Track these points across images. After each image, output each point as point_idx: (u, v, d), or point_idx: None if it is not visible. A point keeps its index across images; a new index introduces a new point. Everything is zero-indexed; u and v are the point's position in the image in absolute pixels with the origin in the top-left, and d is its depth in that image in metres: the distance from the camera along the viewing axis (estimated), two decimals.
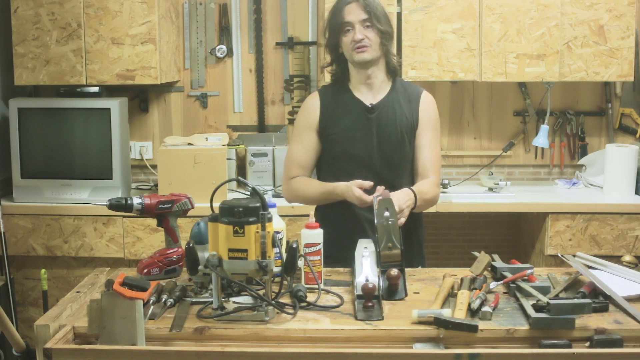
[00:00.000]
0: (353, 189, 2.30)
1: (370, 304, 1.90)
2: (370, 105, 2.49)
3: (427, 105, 2.54)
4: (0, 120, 3.73)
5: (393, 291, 2.00)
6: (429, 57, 3.61)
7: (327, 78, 2.87)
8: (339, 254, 2.34)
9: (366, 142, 2.47)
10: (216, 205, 1.91)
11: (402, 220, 2.24)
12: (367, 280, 1.95)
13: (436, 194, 2.51)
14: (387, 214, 2.10)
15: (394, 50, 2.61)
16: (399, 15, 3.61)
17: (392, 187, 2.46)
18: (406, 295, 2.01)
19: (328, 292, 2.08)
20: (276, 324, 1.84)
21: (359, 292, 1.92)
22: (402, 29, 3.60)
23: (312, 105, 2.54)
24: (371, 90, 2.51)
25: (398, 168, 2.50)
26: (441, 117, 3.94)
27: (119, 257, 3.54)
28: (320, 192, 2.46)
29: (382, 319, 1.86)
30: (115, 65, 3.59)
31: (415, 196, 2.35)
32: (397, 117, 2.48)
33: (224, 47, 3.98)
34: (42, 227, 3.54)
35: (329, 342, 1.80)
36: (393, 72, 2.54)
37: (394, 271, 1.98)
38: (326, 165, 2.55)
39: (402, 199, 2.28)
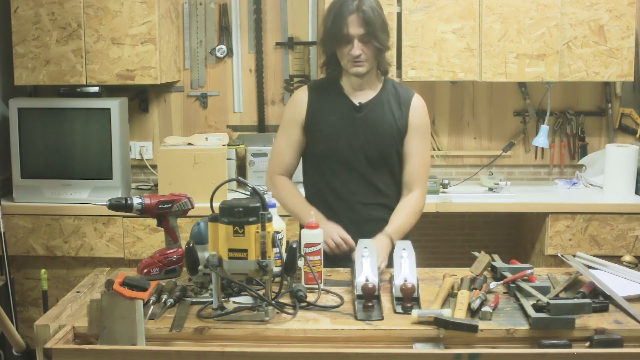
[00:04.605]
0: (334, 236, 2.32)
1: (370, 304, 1.90)
2: (358, 104, 2.48)
3: (418, 111, 2.51)
4: (0, 120, 3.73)
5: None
6: (429, 57, 3.61)
7: None
8: None
9: (351, 142, 2.46)
10: (216, 205, 1.92)
11: (383, 265, 2.25)
12: (367, 280, 1.95)
13: (419, 211, 2.51)
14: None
15: (392, 50, 2.59)
16: (399, 15, 3.61)
17: (376, 187, 2.48)
18: (382, 319, 1.88)
19: (328, 292, 2.08)
20: (276, 324, 1.85)
21: (359, 292, 1.92)
22: (402, 29, 3.60)
23: (300, 99, 2.53)
24: (362, 91, 2.50)
25: (382, 169, 2.49)
26: (441, 117, 4.01)
27: (119, 257, 3.54)
28: (294, 212, 2.47)
29: (382, 318, 1.87)
30: (115, 65, 3.59)
31: (391, 240, 2.34)
32: (385, 119, 2.47)
33: (224, 47, 3.98)
34: (42, 227, 3.54)
35: (329, 342, 1.80)
36: (384, 72, 2.53)
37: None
38: (311, 163, 2.55)
39: (379, 247, 2.26)
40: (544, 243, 3.51)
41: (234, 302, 1.91)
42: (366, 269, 2.02)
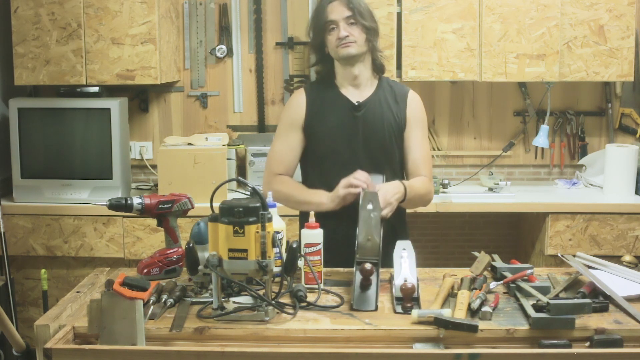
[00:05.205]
0: (340, 191, 2.29)
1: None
2: (356, 103, 2.48)
3: (415, 105, 2.53)
4: (0, 120, 3.73)
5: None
6: (429, 57, 3.61)
7: None
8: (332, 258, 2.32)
9: (352, 141, 2.46)
10: (216, 205, 1.92)
11: (388, 212, 2.23)
12: (366, 266, 1.95)
13: (430, 190, 2.51)
14: (370, 206, 2.07)
15: (392, 50, 2.59)
16: (399, 15, 3.61)
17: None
18: (376, 308, 1.94)
19: (328, 292, 2.08)
20: (276, 324, 1.84)
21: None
22: (402, 29, 3.60)
23: (298, 102, 2.53)
24: (358, 88, 2.50)
25: (384, 167, 2.48)
26: (441, 117, 4.01)
27: (119, 257, 3.54)
28: (306, 200, 2.42)
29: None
30: (115, 65, 3.59)
31: (405, 189, 2.34)
32: (384, 116, 2.48)
33: (224, 47, 3.98)
34: (42, 227, 3.54)
35: (329, 342, 1.80)
36: (380, 69, 2.53)
37: (368, 265, 1.96)
38: (312, 165, 2.54)
39: (390, 191, 2.27)
40: (544, 243, 3.51)
41: (234, 302, 1.91)
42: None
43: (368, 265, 1.97)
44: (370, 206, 2.07)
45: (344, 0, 2.41)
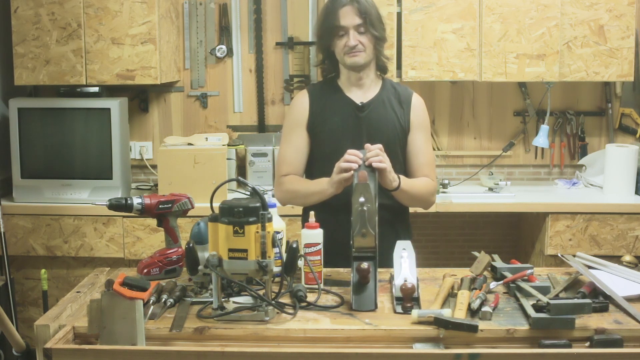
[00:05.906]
0: (334, 177, 2.27)
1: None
2: (360, 104, 2.47)
3: (419, 110, 2.52)
4: (0, 120, 3.73)
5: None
6: (429, 57, 3.61)
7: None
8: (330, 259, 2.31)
9: (356, 142, 2.44)
10: (216, 205, 1.92)
11: (377, 160, 2.21)
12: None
13: (432, 192, 2.50)
14: (362, 199, 2.04)
15: (392, 50, 2.58)
16: (399, 15, 3.61)
17: (380, 188, 2.46)
18: (376, 307, 1.95)
19: (328, 292, 2.08)
20: (276, 324, 1.85)
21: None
22: (402, 29, 3.60)
23: (301, 103, 2.52)
24: (361, 89, 2.49)
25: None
26: (441, 117, 4.01)
27: (119, 257, 3.54)
28: (314, 191, 2.41)
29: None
30: (115, 65, 3.59)
31: (398, 176, 2.32)
32: (388, 117, 2.47)
33: (224, 47, 3.98)
34: (42, 227, 3.55)
35: (329, 342, 1.80)
36: (382, 70, 2.53)
37: (365, 264, 1.96)
38: (316, 165, 2.53)
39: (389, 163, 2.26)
40: (544, 243, 3.51)
41: (234, 302, 1.91)
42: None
43: (365, 265, 1.96)
44: (362, 199, 2.04)
45: (355, 7, 2.38)
